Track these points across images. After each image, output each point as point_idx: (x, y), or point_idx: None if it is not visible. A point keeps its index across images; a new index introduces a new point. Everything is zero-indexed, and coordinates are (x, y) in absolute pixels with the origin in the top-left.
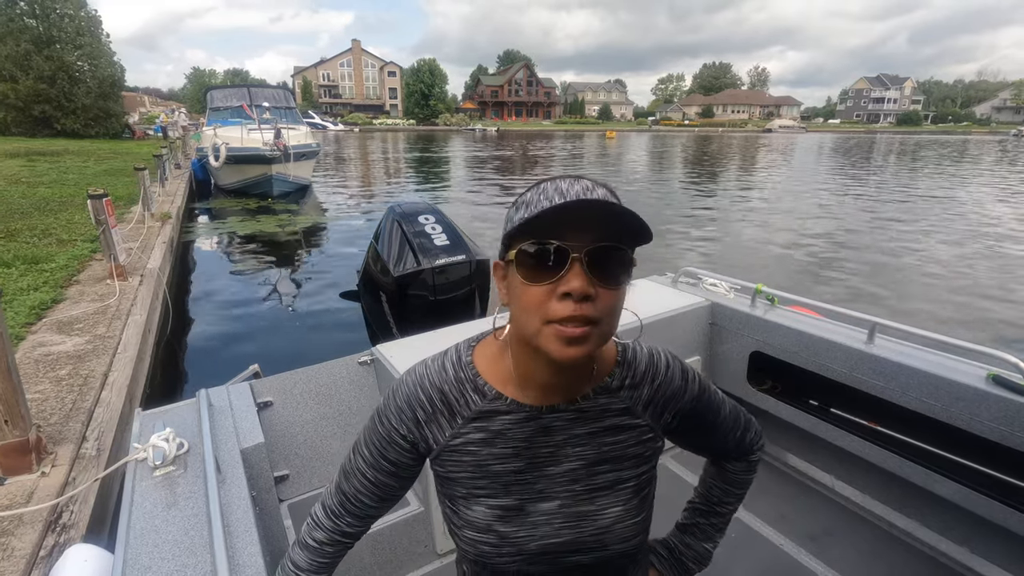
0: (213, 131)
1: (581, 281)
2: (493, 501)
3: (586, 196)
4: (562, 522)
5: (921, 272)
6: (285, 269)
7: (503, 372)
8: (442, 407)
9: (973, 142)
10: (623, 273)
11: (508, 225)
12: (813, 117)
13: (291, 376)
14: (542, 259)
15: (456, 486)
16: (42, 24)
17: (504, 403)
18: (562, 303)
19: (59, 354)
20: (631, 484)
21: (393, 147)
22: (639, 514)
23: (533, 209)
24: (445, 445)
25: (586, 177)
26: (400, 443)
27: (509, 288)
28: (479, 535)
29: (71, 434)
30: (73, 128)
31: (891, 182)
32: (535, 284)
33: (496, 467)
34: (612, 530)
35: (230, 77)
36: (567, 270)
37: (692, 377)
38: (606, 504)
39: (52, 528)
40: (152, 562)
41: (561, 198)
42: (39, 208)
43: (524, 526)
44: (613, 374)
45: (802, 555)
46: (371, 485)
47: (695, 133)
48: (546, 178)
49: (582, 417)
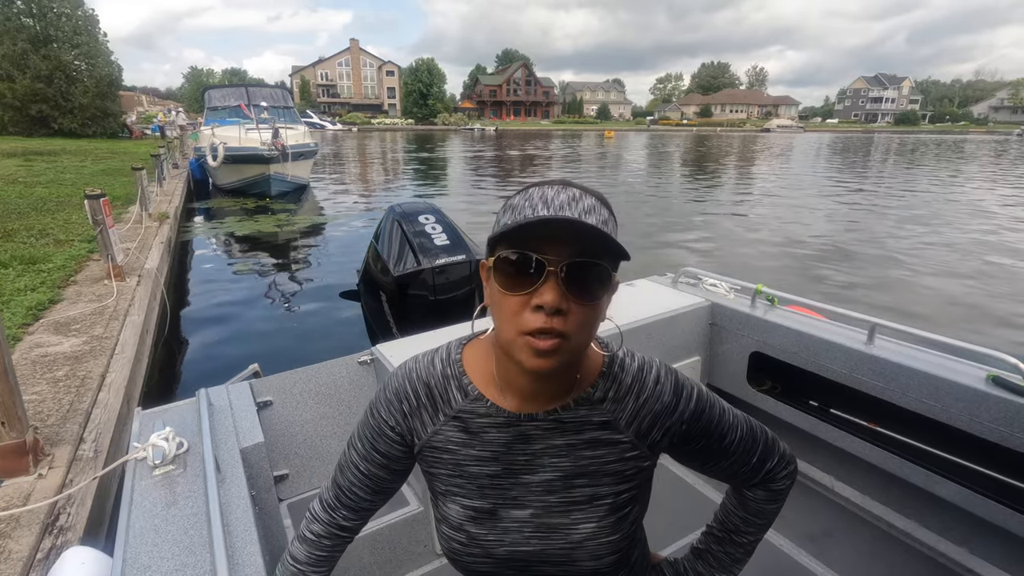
0: (211, 131)
1: (554, 295)
2: (467, 502)
3: (572, 207)
4: (532, 531)
5: (921, 272)
6: (284, 269)
7: (488, 374)
8: (427, 401)
9: (975, 142)
10: (600, 289)
11: (494, 227)
12: (811, 117)
13: (291, 376)
14: (519, 269)
15: (436, 482)
16: (39, 23)
17: (484, 405)
18: (535, 315)
19: (56, 355)
20: (608, 501)
21: (392, 147)
22: (614, 533)
23: (517, 216)
24: (427, 441)
25: (575, 184)
26: (389, 434)
27: (492, 296)
28: (452, 532)
29: (68, 435)
30: (70, 128)
31: (889, 181)
32: (511, 293)
33: (473, 468)
34: (583, 546)
35: (228, 77)
36: (542, 283)
37: (690, 395)
38: (580, 519)
39: (49, 530)
40: (152, 561)
41: (545, 207)
42: (36, 208)
43: (494, 530)
44: (596, 385)
45: (802, 556)
46: (364, 477)
47: (693, 133)
48: (536, 183)
49: (561, 427)
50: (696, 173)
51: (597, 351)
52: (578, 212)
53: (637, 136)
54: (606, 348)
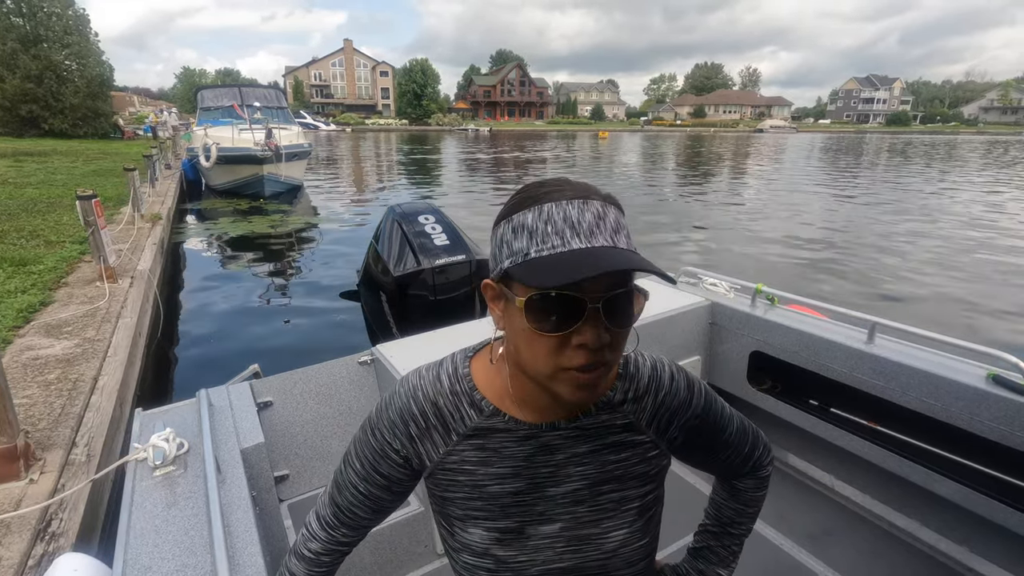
0: (204, 131)
1: (597, 332)
2: (491, 524)
3: (601, 230)
4: (564, 546)
5: (920, 271)
6: (279, 270)
7: (501, 387)
8: (436, 422)
9: (976, 143)
10: (635, 311)
11: (503, 248)
12: (804, 117)
13: (291, 376)
14: (554, 310)
15: (452, 506)
16: (29, 23)
17: (502, 420)
18: (577, 351)
19: (48, 358)
20: (636, 505)
21: (386, 147)
22: (644, 537)
23: (540, 244)
24: (439, 463)
25: (585, 189)
26: (393, 458)
27: (510, 323)
28: (476, 559)
29: (60, 440)
30: (61, 128)
31: (880, 181)
32: (548, 335)
33: (493, 488)
34: (618, 554)
35: (221, 77)
36: (583, 322)
37: (698, 390)
38: (611, 527)
39: (41, 536)
40: (152, 562)
41: (575, 235)
42: (26, 209)
43: (524, 550)
44: (615, 388)
45: (802, 555)
46: (364, 498)
47: (687, 133)
48: (544, 191)
49: (584, 435)
50: (692, 173)
51: None
52: (609, 235)
53: (631, 136)
54: None
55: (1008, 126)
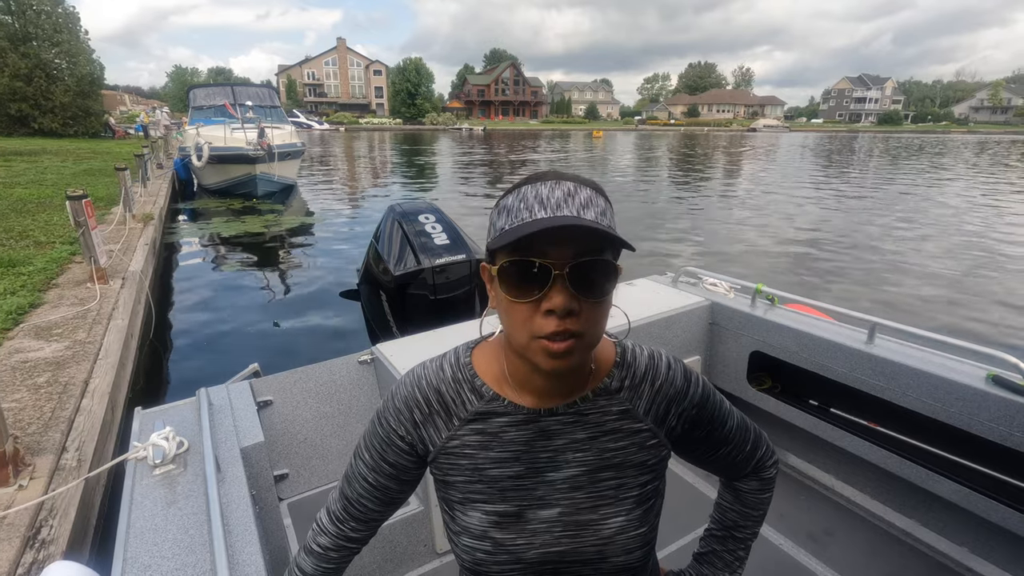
0: (196, 130)
1: (563, 298)
2: (489, 507)
3: (569, 204)
4: (562, 531)
5: (922, 271)
6: (272, 270)
7: (501, 374)
8: (439, 408)
9: (968, 142)
10: (607, 283)
11: (490, 231)
12: (796, 117)
13: (291, 375)
14: (524, 276)
15: (452, 490)
16: (18, 20)
17: (502, 404)
18: (547, 319)
19: (37, 361)
20: (634, 493)
21: (380, 147)
22: (642, 526)
23: (513, 219)
24: (442, 447)
25: (567, 176)
26: (399, 444)
27: (497, 301)
28: (475, 542)
29: (50, 444)
30: (51, 127)
31: (871, 179)
32: (519, 301)
33: (493, 471)
34: (614, 541)
35: (213, 76)
36: (550, 287)
37: (696, 381)
38: (608, 514)
39: (31, 543)
40: (152, 560)
41: (542, 208)
42: (16, 209)
43: (523, 534)
44: (612, 375)
45: (802, 555)
46: (373, 488)
47: (681, 132)
48: (528, 178)
49: (582, 420)
50: (688, 172)
51: (609, 341)
52: (575, 208)
53: (625, 136)
54: (615, 338)
55: (998, 125)
